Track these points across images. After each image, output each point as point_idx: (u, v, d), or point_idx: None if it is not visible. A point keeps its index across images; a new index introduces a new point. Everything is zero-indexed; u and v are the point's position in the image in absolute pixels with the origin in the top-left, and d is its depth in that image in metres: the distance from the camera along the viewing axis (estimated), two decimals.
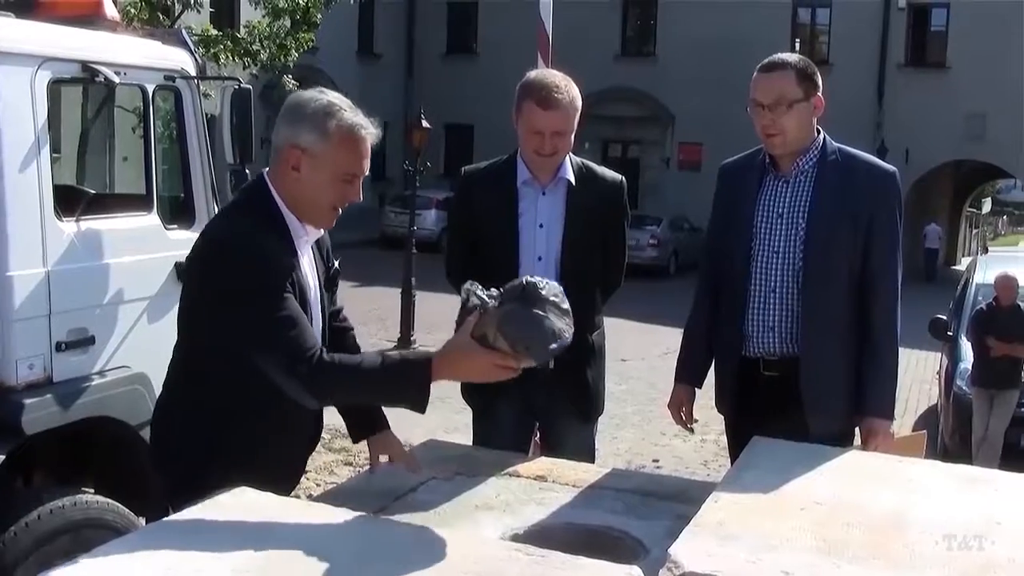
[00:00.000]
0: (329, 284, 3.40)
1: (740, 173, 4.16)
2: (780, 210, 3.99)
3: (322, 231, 3.26)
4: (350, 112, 3.07)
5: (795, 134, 3.92)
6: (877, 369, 3.99)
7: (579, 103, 4.06)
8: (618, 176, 4.35)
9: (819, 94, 3.94)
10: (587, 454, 4.26)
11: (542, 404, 4.25)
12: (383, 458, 3.52)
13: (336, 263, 3.49)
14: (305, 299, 3.12)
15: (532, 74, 4.16)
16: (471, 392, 4.37)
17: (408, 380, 2.84)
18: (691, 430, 4.47)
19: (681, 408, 4.34)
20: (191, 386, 3.15)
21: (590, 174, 4.24)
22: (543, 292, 2.74)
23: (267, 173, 3.12)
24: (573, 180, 4.15)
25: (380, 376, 2.88)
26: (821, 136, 4.02)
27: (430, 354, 2.88)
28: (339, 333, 3.52)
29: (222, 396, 3.08)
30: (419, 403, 2.85)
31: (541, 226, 4.13)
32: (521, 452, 4.17)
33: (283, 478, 3.23)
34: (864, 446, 3.96)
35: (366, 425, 3.50)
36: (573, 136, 4.08)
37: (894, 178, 4.03)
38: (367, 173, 3.14)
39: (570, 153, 4.16)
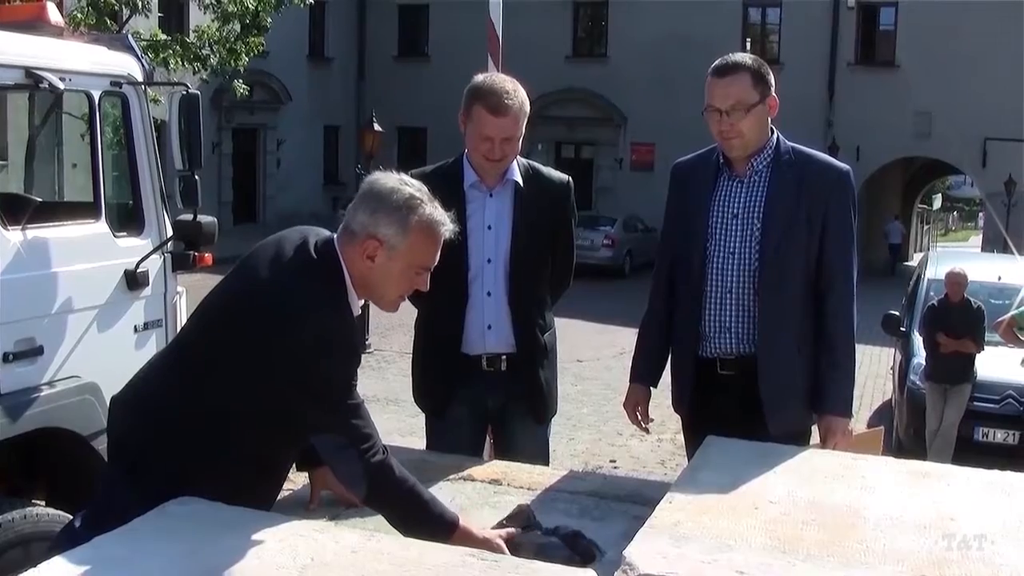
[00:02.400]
0: None
1: (694, 173, 4.15)
2: (735, 211, 3.99)
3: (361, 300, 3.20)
4: (430, 206, 3.02)
5: (752, 136, 3.92)
6: (834, 367, 4.00)
7: (528, 107, 4.05)
8: (565, 176, 4.35)
9: (773, 94, 3.95)
10: (541, 456, 4.25)
11: (495, 406, 4.24)
12: (325, 493, 3.44)
13: None
14: None
15: (480, 78, 4.12)
16: (424, 395, 4.35)
17: (430, 526, 2.92)
18: (647, 430, 4.47)
19: (637, 408, 4.33)
20: (202, 419, 3.02)
21: (537, 175, 4.24)
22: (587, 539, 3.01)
23: (338, 242, 3.03)
24: (520, 182, 4.14)
25: (416, 506, 2.97)
26: (775, 136, 4.02)
27: (456, 519, 2.97)
28: None
29: (244, 440, 2.98)
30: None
31: (489, 228, 4.12)
32: (475, 454, 4.15)
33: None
34: (822, 444, 3.96)
35: (313, 455, 3.23)
36: (521, 139, 4.07)
37: (848, 176, 4.03)
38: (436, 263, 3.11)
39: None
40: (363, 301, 3.15)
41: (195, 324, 3.18)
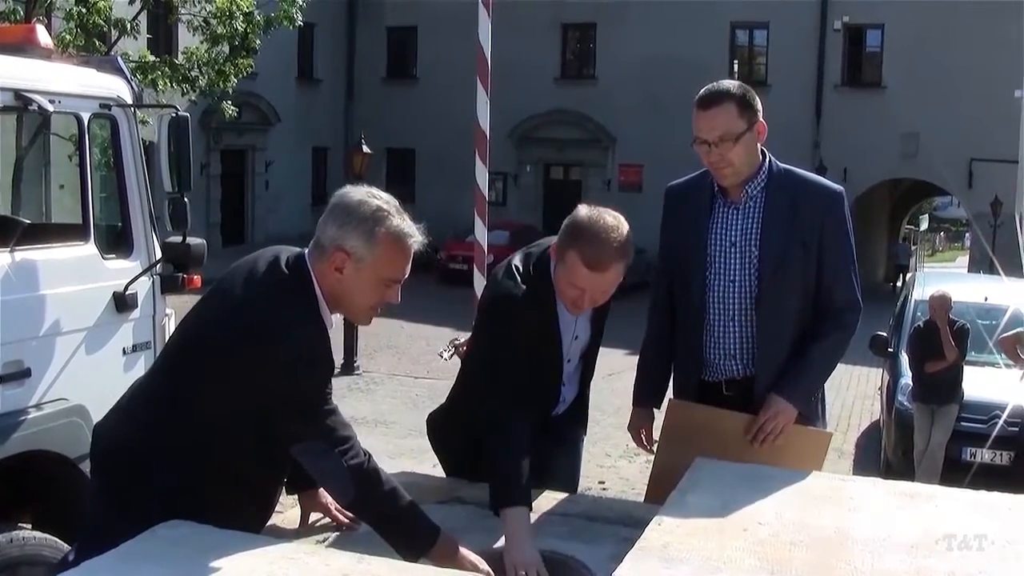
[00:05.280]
0: None
1: (688, 198, 4.12)
2: (732, 238, 3.96)
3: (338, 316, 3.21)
4: (398, 218, 3.03)
5: (743, 164, 3.89)
6: (813, 361, 3.94)
7: (632, 255, 3.63)
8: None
9: (761, 119, 3.92)
10: (574, 481, 4.23)
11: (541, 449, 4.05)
12: (314, 515, 3.44)
13: None
14: None
15: (585, 216, 3.57)
16: (459, 464, 4.04)
17: (415, 531, 2.99)
18: (652, 452, 4.44)
19: (641, 431, 4.32)
20: (184, 441, 3.03)
21: None
22: None
23: (308, 257, 3.06)
24: None
25: (402, 510, 3.00)
26: (767, 159, 3.99)
27: (439, 528, 3.01)
28: None
29: (226, 460, 3.00)
30: (409, 555, 2.96)
31: (576, 338, 3.91)
32: None
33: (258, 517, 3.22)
34: (758, 421, 3.83)
35: (301, 478, 3.26)
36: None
37: (841, 196, 4.01)
38: (407, 276, 3.12)
39: None
40: (339, 316, 3.16)
41: (173, 347, 3.22)
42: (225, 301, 3.06)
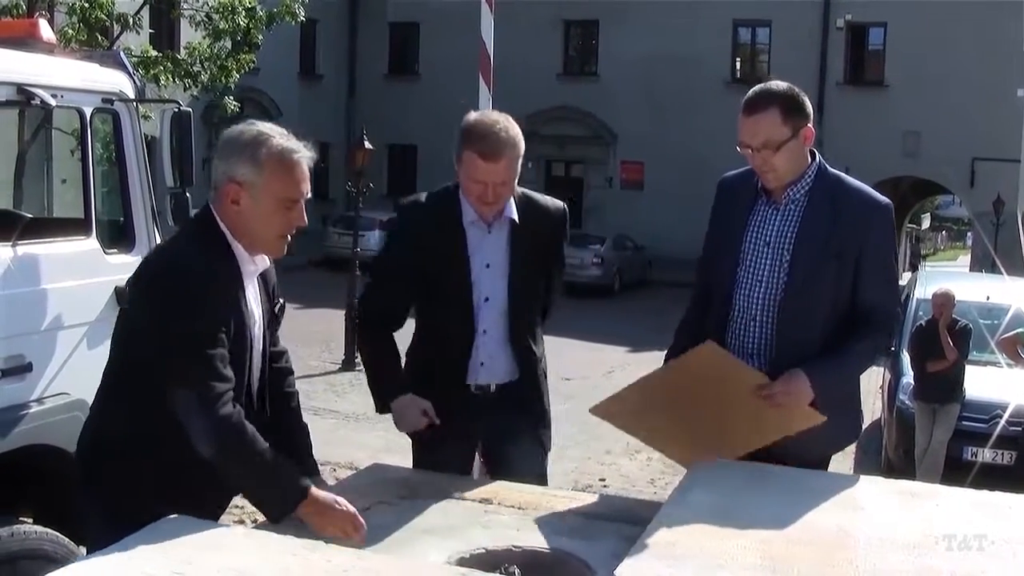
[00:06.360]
0: (272, 322, 3.37)
1: (736, 192, 4.04)
2: (767, 238, 3.89)
3: (268, 262, 3.22)
4: (280, 138, 3.07)
5: (787, 169, 3.81)
6: (841, 359, 3.83)
7: (522, 147, 3.91)
8: (560, 204, 4.24)
9: (809, 124, 3.82)
10: (542, 479, 4.23)
11: (485, 427, 4.15)
12: None
13: (281, 301, 3.44)
14: (248, 333, 3.15)
15: (472, 119, 3.94)
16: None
17: (277, 491, 2.97)
18: None
19: None
20: (129, 411, 3.08)
21: (532, 206, 4.11)
22: None
23: (212, 203, 3.10)
24: (517, 217, 4.02)
25: (265, 467, 2.96)
26: (816, 162, 3.90)
27: (309, 485, 2.98)
28: (279, 375, 3.48)
29: (164, 422, 3.03)
30: (271, 513, 2.97)
31: (488, 266, 4.01)
32: (462, 474, 4.09)
33: (214, 501, 3.24)
34: (774, 385, 3.71)
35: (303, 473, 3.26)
36: (517, 178, 3.95)
37: (888, 210, 3.91)
38: (308, 196, 3.12)
39: None
40: (267, 263, 3.27)
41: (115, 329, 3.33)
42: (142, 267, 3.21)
